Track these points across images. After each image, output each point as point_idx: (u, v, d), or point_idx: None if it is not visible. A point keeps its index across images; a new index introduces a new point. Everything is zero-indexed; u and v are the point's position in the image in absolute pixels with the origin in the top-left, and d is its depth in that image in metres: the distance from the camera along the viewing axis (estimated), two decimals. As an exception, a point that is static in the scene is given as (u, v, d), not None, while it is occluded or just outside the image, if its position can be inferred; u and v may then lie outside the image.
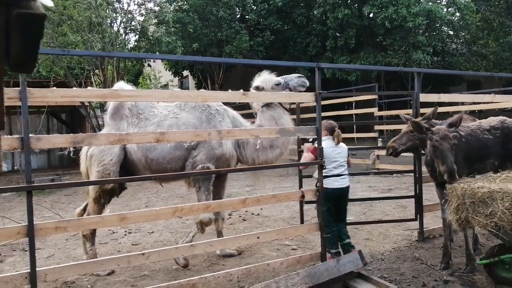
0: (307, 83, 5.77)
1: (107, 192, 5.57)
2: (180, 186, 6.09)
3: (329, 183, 5.40)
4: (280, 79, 5.78)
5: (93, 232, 5.63)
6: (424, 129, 4.89)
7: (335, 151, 5.51)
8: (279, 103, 5.75)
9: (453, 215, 4.40)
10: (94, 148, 5.56)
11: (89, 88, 5.51)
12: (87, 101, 5.59)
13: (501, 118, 5.58)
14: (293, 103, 6.25)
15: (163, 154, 5.50)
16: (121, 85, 5.57)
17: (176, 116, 5.66)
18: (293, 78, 5.75)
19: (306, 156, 5.40)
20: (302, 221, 7.02)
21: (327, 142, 5.52)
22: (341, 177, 5.51)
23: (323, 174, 5.35)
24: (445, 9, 23.40)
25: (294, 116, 6.46)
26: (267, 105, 5.79)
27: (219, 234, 6.10)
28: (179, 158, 5.56)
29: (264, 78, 5.83)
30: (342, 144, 5.65)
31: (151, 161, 5.54)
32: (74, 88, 5.09)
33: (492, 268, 4.55)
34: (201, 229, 5.45)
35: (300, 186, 6.76)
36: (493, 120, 5.52)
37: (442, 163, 4.60)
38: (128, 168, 5.64)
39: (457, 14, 24.59)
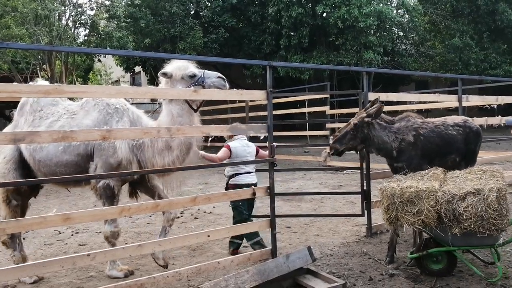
0: (227, 87, 5.15)
1: (15, 193, 5.26)
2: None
3: (241, 179, 5.79)
4: (198, 71, 5.11)
5: (12, 238, 5.28)
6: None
7: (246, 150, 5.78)
8: (185, 99, 5.01)
9: (384, 214, 4.67)
10: None
11: (30, 83, 5.22)
12: (29, 97, 5.28)
13: (464, 117, 5.90)
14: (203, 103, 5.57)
15: (50, 157, 5.07)
16: (39, 82, 5.41)
17: (71, 117, 5.23)
18: (212, 77, 5.11)
19: (222, 151, 5.79)
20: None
21: (239, 142, 5.87)
22: (251, 173, 5.85)
23: (235, 172, 5.69)
24: (395, 11, 24.02)
25: (243, 114, 6.47)
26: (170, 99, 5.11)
27: (163, 230, 5.54)
28: (68, 163, 5.05)
29: (177, 65, 5.16)
30: (251, 143, 5.93)
31: (39, 163, 5.13)
32: (15, 83, 4.84)
33: (422, 261, 4.81)
34: (111, 243, 5.07)
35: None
36: (456, 118, 5.81)
37: None
38: (27, 168, 5.28)
39: (406, 16, 25.32)
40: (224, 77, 5.21)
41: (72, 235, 7.18)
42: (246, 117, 6.61)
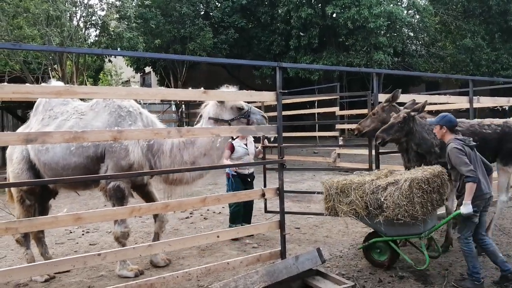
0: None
1: (28, 193, 5.29)
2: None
3: None
4: (246, 105, 5.36)
5: (25, 236, 5.36)
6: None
7: None
8: (228, 125, 5.25)
9: (324, 204, 5.08)
10: (9, 147, 5.38)
11: (42, 84, 5.27)
12: (41, 97, 5.33)
13: (504, 119, 6.06)
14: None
15: (56, 159, 5.04)
16: (53, 83, 5.48)
17: (80, 117, 5.21)
18: (257, 114, 5.37)
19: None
20: (265, 210, 7.71)
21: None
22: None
23: None
24: (405, 11, 23.86)
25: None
26: (215, 120, 5.31)
27: (156, 236, 5.70)
28: (77, 166, 5.02)
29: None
30: None
31: (44, 165, 5.10)
32: (27, 84, 4.89)
33: (367, 252, 5.21)
34: (121, 243, 5.11)
35: (265, 184, 6.92)
36: (496, 120, 5.98)
37: None
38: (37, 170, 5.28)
39: (417, 16, 25.16)
40: (266, 117, 5.52)
41: (83, 234, 7.24)
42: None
